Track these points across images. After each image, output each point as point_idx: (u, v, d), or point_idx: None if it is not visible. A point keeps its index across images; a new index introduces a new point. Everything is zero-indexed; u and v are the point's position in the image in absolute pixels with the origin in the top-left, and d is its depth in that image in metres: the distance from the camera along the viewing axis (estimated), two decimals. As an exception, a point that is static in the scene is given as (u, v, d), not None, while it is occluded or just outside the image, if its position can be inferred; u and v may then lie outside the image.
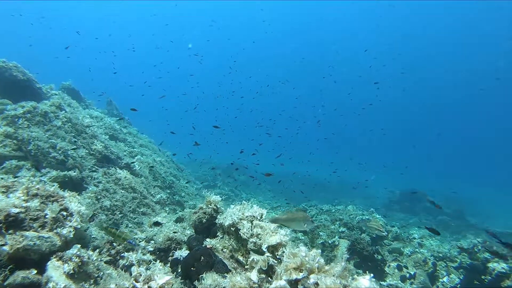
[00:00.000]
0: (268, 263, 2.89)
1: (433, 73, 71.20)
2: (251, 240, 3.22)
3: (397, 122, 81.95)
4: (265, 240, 3.05)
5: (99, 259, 3.98)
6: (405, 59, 66.72)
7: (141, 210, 7.23)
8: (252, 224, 3.46)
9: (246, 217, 3.67)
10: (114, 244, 4.39)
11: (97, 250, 3.84)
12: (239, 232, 3.48)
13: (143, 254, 4.26)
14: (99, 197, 6.11)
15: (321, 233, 7.58)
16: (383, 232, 5.78)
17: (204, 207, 4.81)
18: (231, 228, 3.68)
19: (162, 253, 4.43)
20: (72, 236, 3.49)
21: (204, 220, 4.66)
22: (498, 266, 6.46)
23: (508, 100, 67.09)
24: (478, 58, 63.33)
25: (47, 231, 3.30)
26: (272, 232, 3.15)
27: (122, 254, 4.17)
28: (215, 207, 4.75)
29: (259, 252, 3.02)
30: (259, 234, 3.19)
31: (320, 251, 2.74)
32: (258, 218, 3.64)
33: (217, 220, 4.19)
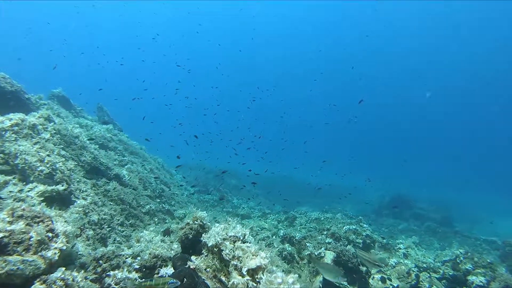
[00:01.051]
0: (247, 286, 3.00)
1: (423, 77, 72.49)
2: (232, 262, 3.31)
3: (387, 127, 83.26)
4: (245, 263, 3.15)
5: (85, 277, 4.04)
6: (397, 66, 67.96)
7: (130, 222, 7.27)
8: (234, 245, 3.55)
9: (230, 237, 3.77)
10: (100, 261, 4.44)
11: (83, 271, 3.90)
12: (222, 253, 3.58)
13: (129, 272, 4.31)
14: (87, 211, 6.13)
15: (308, 244, 7.70)
16: (381, 266, 5.93)
17: (190, 222, 4.90)
18: (215, 249, 3.77)
19: (148, 271, 4.49)
20: (57, 258, 3.54)
21: (191, 236, 4.75)
22: (476, 279, 6.67)
23: (497, 103, 68.64)
24: (468, 60, 64.71)
25: (32, 254, 3.35)
26: (253, 255, 3.25)
27: (108, 273, 4.22)
28: (201, 223, 4.84)
29: (240, 275, 3.12)
30: (240, 257, 3.28)
31: (297, 275, 2.86)
32: (241, 238, 3.74)
33: (202, 238, 4.27)
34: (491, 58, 58.57)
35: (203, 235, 4.30)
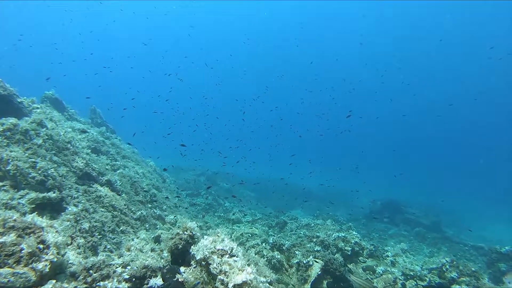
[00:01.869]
0: (233, 301, 3.10)
1: (417, 80, 73.38)
2: (219, 277, 3.41)
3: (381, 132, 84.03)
4: (231, 278, 3.25)
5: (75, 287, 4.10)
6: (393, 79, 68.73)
7: (121, 228, 7.32)
8: (221, 259, 3.66)
9: (217, 250, 3.87)
10: (91, 271, 4.50)
11: (73, 282, 3.96)
12: (210, 267, 3.67)
13: (119, 282, 4.38)
14: (78, 218, 6.17)
15: (297, 252, 7.83)
16: None
17: (180, 232, 5.00)
18: (203, 262, 3.87)
19: (138, 281, 4.56)
20: (48, 270, 3.60)
21: (180, 246, 4.84)
22: (459, 289, 6.89)
23: (490, 107, 69.72)
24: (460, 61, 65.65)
25: (23, 266, 3.40)
26: (239, 270, 3.36)
27: (98, 283, 4.29)
28: (191, 233, 4.94)
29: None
30: (227, 271, 3.38)
31: (281, 291, 2.96)
32: (229, 252, 3.84)
33: (191, 250, 4.37)
34: (486, 60, 59.43)
35: (192, 247, 4.40)
